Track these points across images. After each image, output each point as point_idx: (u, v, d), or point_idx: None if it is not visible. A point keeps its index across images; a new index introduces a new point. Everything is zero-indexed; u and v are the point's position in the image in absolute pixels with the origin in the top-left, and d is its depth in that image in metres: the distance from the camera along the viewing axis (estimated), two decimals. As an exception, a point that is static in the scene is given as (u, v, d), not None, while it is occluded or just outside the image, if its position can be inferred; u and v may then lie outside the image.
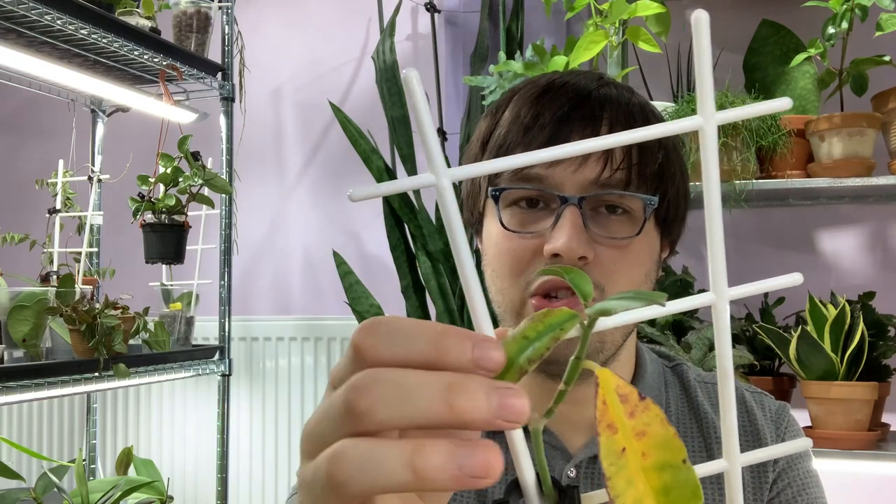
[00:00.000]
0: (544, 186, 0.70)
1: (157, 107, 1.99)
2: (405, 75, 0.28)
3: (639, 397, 0.28)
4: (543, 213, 0.71)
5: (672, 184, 0.74)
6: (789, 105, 0.28)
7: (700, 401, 0.81)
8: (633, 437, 0.27)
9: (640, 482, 0.27)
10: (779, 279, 0.30)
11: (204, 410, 2.46)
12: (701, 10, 0.26)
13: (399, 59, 2.10)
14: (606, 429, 0.27)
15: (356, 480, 0.28)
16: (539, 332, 0.29)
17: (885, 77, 1.68)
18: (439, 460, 0.27)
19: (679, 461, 0.27)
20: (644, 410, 0.28)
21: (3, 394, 1.41)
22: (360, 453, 0.28)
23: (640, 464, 0.27)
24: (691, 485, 0.27)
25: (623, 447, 0.27)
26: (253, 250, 2.51)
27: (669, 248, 0.80)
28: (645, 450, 0.27)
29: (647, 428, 0.27)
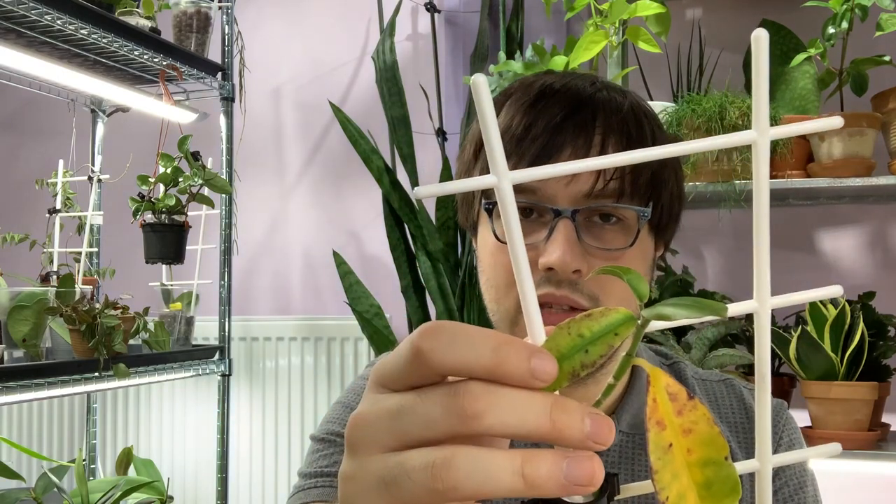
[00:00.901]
0: (537, 199, 0.70)
1: (157, 107, 1.99)
2: (474, 80, 0.29)
3: (687, 396, 0.29)
4: (537, 224, 0.71)
5: (665, 188, 0.73)
6: (840, 124, 0.29)
7: (699, 397, 0.81)
8: (681, 433, 0.29)
9: (684, 476, 0.28)
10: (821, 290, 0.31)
11: (204, 410, 2.46)
12: (761, 28, 0.27)
13: (399, 59, 2.10)
14: (655, 425, 0.28)
15: (466, 484, 0.30)
16: (594, 332, 0.30)
17: (885, 77, 1.68)
18: (547, 469, 0.29)
19: (721, 458, 0.28)
20: (692, 409, 0.29)
21: (3, 394, 1.41)
22: (471, 459, 0.30)
23: (686, 459, 0.28)
24: (732, 480, 0.28)
25: (670, 443, 0.28)
26: (253, 250, 2.51)
27: (664, 247, 0.80)
28: (690, 446, 0.28)
29: (693, 426, 0.29)
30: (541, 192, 0.70)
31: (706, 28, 2.01)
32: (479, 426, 0.30)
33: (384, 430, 0.32)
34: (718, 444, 0.29)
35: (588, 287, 0.69)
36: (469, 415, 0.30)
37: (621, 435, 0.78)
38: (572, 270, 0.68)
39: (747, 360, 1.56)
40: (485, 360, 0.30)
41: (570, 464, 0.29)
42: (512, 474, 0.29)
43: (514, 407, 0.30)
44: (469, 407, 0.30)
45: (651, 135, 0.73)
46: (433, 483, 0.30)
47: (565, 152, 0.70)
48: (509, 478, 0.29)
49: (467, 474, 0.30)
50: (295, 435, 2.37)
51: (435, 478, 0.30)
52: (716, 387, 0.84)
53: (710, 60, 1.94)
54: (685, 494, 0.28)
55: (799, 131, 0.29)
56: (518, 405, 0.30)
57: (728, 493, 0.28)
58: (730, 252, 2.02)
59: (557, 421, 0.29)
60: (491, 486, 0.29)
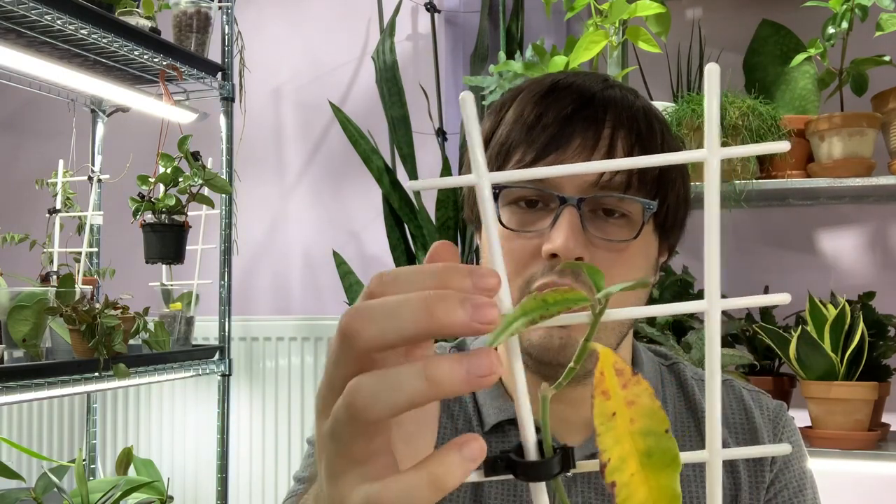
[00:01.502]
0: (544, 186, 0.70)
1: (157, 107, 1.99)
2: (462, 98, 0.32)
3: (632, 372, 0.31)
4: (542, 213, 0.71)
5: (672, 189, 0.74)
6: (787, 148, 0.32)
7: (698, 398, 0.81)
8: (624, 404, 0.31)
9: (626, 443, 0.30)
10: (768, 297, 0.32)
11: (204, 410, 2.46)
12: (714, 63, 0.30)
13: (399, 59, 2.10)
14: (601, 394, 0.31)
15: (376, 402, 0.31)
16: (556, 300, 0.32)
17: (885, 77, 1.68)
18: (448, 366, 0.30)
19: (662, 430, 0.30)
20: (636, 384, 0.31)
21: (3, 394, 1.41)
22: (374, 379, 0.32)
23: (628, 428, 0.30)
24: (671, 452, 0.30)
25: (614, 412, 0.31)
26: (253, 250, 2.51)
27: (668, 253, 0.80)
28: (633, 416, 0.31)
29: (636, 398, 0.31)
30: (548, 180, 0.70)
31: (706, 28, 2.01)
32: (362, 341, 0.32)
33: (326, 393, 0.35)
34: (659, 418, 0.31)
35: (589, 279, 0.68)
36: (350, 334, 0.32)
37: None
38: (575, 258, 0.67)
39: (747, 360, 1.57)
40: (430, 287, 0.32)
41: (469, 359, 0.30)
42: (416, 378, 0.31)
43: (391, 312, 0.31)
44: (347, 328, 0.32)
45: (661, 135, 0.73)
46: (350, 413, 0.32)
47: (574, 143, 0.70)
48: (414, 382, 0.31)
49: (372, 391, 0.31)
50: (295, 435, 2.37)
51: (349, 407, 0.32)
52: None
53: (710, 60, 1.94)
54: (626, 458, 0.30)
55: (747, 153, 0.32)
56: (394, 309, 0.31)
57: (668, 464, 0.30)
58: (730, 252, 2.02)
59: (435, 310, 0.30)
60: (400, 395, 0.31)
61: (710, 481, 0.32)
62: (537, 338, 0.70)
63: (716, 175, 0.31)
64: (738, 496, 0.77)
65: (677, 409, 0.81)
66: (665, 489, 0.30)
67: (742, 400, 0.82)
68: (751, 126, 1.62)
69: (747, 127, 1.62)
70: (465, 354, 0.31)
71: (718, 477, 0.32)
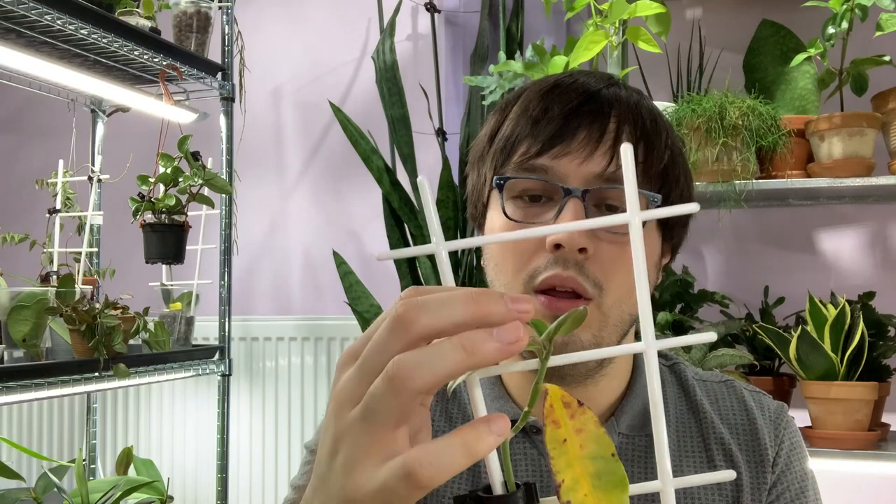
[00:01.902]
0: (549, 177, 0.70)
1: (157, 107, 1.99)
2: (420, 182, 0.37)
3: (578, 404, 0.35)
4: (546, 207, 0.71)
5: (676, 186, 0.74)
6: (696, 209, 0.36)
7: (699, 399, 0.81)
8: (574, 432, 0.34)
9: (577, 466, 0.34)
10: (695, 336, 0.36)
11: (204, 410, 2.46)
12: (627, 144, 0.35)
13: (399, 59, 2.10)
14: (552, 423, 0.34)
15: (418, 373, 0.34)
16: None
17: (885, 77, 1.68)
18: (483, 337, 0.34)
19: (608, 454, 0.34)
20: (582, 413, 0.34)
21: (3, 394, 1.41)
22: (416, 353, 0.35)
23: (578, 453, 0.34)
24: (618, 474, 0.33)
25: (564, 438, 0.34)
26: (253, 250, 2.51)
27: (671, 254, 0.79)
28: (582, 443, 0.34)
29: (583, 426, 0.34)
30: (553, 171, 0.70)
31: (706, 28, 2.01)
32: (417, 326, 0.35)
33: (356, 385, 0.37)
34: (605, 443, 0.34)
35: (593, 272, 0.68)
36: (406, 320, 0.35)
37: (621, 437, 0.77)
38: (578, 248, 0.67)
39: (747, 360, 1.56)
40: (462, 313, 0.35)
41: (497, 331, 0.35)
42: (453, 349, 0.34)
43: (444, 304, 0.35)
44: (404, 315, 0.35)
45: (665, 133, 0.74)
46: (390, 385, 0.35)
47: (580, 136, 0.70)
48: (452, 353, 0.34)
49: (416, 365, 0.34)
50: (295, 435, 2.37)
51: (390, 380, 0.35)
52: (716, 388, 0.83)
53: (710, 60, 1.94)
54: (579, 480, 0.33)
55: (664, 214, 0.36)
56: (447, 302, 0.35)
57: (616, 485, 0.33)
58: (730, 252, 2.02)
59: (480, 303, 0.35)
60: (440, 366, 0.34)
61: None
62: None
63: (639, 234, 0.36)
64: (740, 498, 0.76)
65: (678, 410, 0.81)
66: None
67: (743, 401, 0.82)
68: (751, 126, 1.62)
69: (747, 127, 1.62)
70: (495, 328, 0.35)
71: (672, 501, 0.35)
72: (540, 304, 0.69)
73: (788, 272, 1.97)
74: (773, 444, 0.79)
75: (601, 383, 0.76)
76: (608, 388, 0.78)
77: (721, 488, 0.77)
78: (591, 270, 0.68)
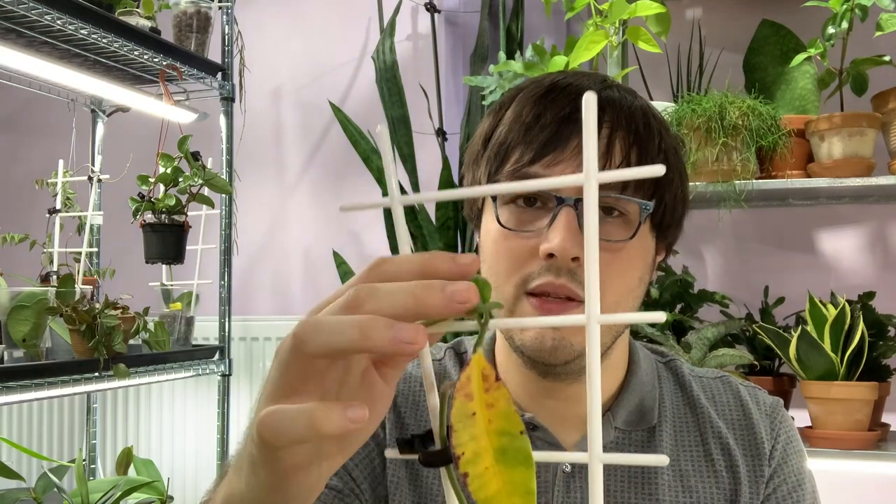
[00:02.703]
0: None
1: (157, 107, 1.99)
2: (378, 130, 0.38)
3: (495, 378, 0.34)
4: (541, 212, 0.71)
5: (670, 188, 0.74)
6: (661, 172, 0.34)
7: (696, 394, 0.82)
8: (485, 406, 0.34)
9: (483, 440, 0.34)
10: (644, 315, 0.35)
11: (204, 410, 2.46)
12: (591, 92, 0.32)
13: (399, 59, 2.10)
14: (464, 397, 0.34)
15: (313, 339, 0.37)
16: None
17: (885, 77, 1.68)
18: (382, 325, 0.35)
19: (517, 432, 0.34)
20: (497, 389, 0.34)
21: (3, 394, 1.41)
22: (319, 318, 0.37)
23: (486, 427, 0.34)
24: (524, 451, 0.34)
25: (474, 412, 0.34)
26: (253, 250, 2.51)
27: (666, 251, 0.80)
28: (491, 417, 0.34)
29: (495, 402, 0.34)
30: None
31: (706, 28, 2.01)
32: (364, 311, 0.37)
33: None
34: (514, 421, 0.34)
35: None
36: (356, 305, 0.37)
37: (617, 432, 0.78)
38: (571, 257, 0.68)
39: (747, 359, 1.56)
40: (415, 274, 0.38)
41: (399, 325, 0.35)
42: (350, 327, 0.36)
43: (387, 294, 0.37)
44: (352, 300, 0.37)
45: (658, 135, 0.74)
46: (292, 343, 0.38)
47: (572, 143, 0.70)
48: (348, 329, 0.36)
49: (314, 330, 0.37)
50: (295, 435, 2.37)
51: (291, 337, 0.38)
52: (712, 384, 0.84)
53: (710, 60, 1.94)
54: (481, 454, 0.34)
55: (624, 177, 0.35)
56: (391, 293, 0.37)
57: (521, 462, 0.33)
58: (730, 252, 2.02)
59: (419, 295, 0.36)
60: (334, 339, 0.36)
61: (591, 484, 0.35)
62: (530, 339, 0.71)
63: (594, 197, 0.34)
64: (739, 490, 0.77)
65: (675, 405, 0.81)
66: (519, 484, 0.33)
67: (739, 396, 0.83)
68: (751, 126, 1.62)
69: (747, 127, 1.62)
70: (396, 322, 0.35)
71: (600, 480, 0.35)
72: (531, 307, 0.70)
73: (788, 272, 1.97)
74: (770, 438, 0.80)
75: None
76: (604, 383, 0.79)
77: (719, 481, 0.78)
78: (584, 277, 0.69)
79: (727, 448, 0.79)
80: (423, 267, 0.37)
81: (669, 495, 0.76)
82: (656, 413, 0.79)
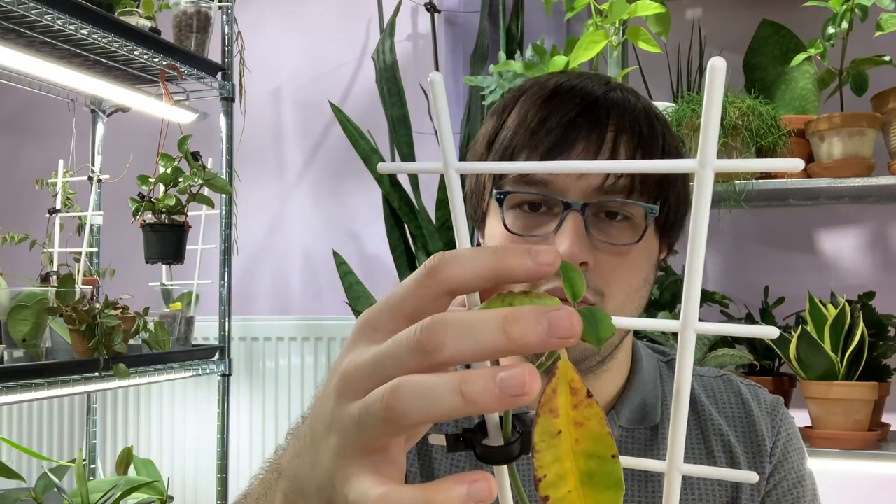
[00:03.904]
0: (549, 191, 0.71)
1: (157, 107, 1.99)
2: (431, 78, 0.32)
3: (587, 394, 0.31)
4: (546, 217, 0.72)
5: (673, 190, 0.75)
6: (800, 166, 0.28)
7: (697, 393, 0.83)
8: (572, 424, 0.31)
9: (567, 461, 0.31)
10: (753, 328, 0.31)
11: (204, 410, 2.46)
12: (719, 57, 0.27)
13: (399, 59, 2.10)
14: (548, 412, 0.31)
15: (413, 408, 0.32)
16: (522, 302, 0.32)
17: (885, 77, 1.68)
18: (483, 383, 0.30)
19: (608, 455, 0.31)
20: (587, 406, 0.31)
21: (3, 394, 1.41)
22: (415, 384, 0.32)
23: (572, 448, 0.31)
24: (615, 477, 0.31)
25: (559, 430, 0.31)
26: (253, 250, 2.51)
27: (668, 250, 0.81)
28: (579, 437, 0.31)
29: (586, 421, 0.31)
30: (552, 184, 0.71)
31: (706, 28, 2.01)
32: (440, 357, 0.31)
33: (364, 377, 0.34)
34: (607, 443, 0.31)
35: (594, 282, 0.70)
36: (429, 349, 0.32)
37: (620, 430, 0.79)
38: (579, 263, 0.69)
39: (747, 360, 1.56)
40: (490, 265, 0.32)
41: (502, 376, 0.30)
42: (451, 393, 0.31)
43: (469, 331, 0.31)
44: (427, 342, 0.32)
45: (662, 136, 0.75)
46: (386, 413, 0.32)
47: (578, 147, 0.71)
48: (449, 397, 0.31)
49: (412, 398, 0.31)
50: (295, 435, 2.37)
51: (386, 407, 0.32)
52: (713, 382, 0.85)
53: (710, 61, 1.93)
54: (565, 476, 0.31)
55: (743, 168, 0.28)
56: (471, 329, 0.31)
57: (611, 486, 0.31)
58: (730, 252, 2.02)
59: (511, 332, 0.30)
60: (435, 406, 0.31)
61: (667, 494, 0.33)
62: None
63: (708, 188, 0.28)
64: (739, 486, 0.78)
65: None
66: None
67: (740, 393, 0.84)
68: (751, 126, 1.62)
69: (747, 127, 1.62)
70: (501, 369, 0.30)
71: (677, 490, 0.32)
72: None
73: (788, 272, 1.97)
74: (771, 435, 0.81)
75: (602, 377, 0.78)
76: (609, 382, 0.79)
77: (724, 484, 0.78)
78: (593, 280, 0.70)
79: (728, 445, 0.80)
80: (496, 272, 0.32)
81: None
82: (659, 411, 0.80)
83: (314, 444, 0.38)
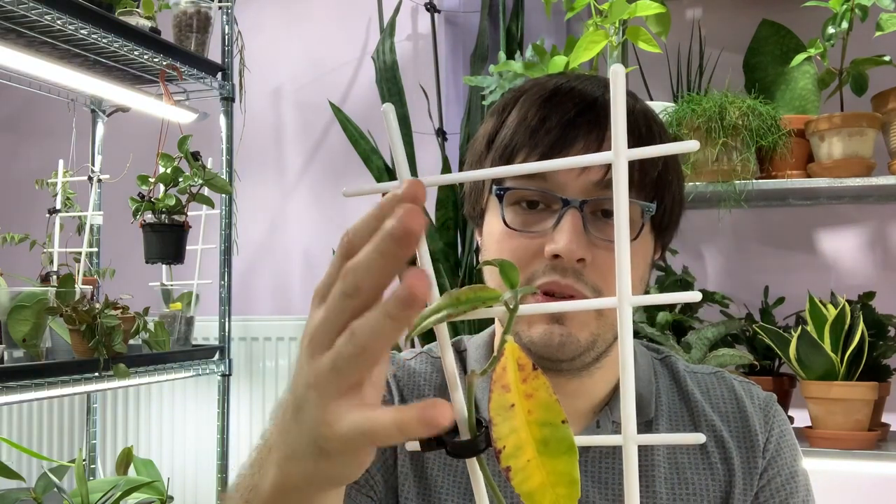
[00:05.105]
0: (548, 188, 0.72)
1: (157, 107, 1.99)
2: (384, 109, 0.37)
3: (532, 367, 0.34)
4: (544, 214, 0.73)
5: (669, 191, 0.76)
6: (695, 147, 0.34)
7: (690, 389, 0.84)
8: (523, 397, 0.33)
9: (523, 432, 0.33)
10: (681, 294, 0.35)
11: (204, 410, 2.45)
12: (619, 64, 0.32)
13: (399, 59, 2.10)
14: (501, 388, 0.33)
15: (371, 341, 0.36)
16: (468, 297, 0.35)
17: (885, 77, 1.68)
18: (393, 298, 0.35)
19: (558, 421, 0.33)
20: (535, 378, 0.34)
21: (3, 394, 1.41)
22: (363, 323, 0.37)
23: (526, 418, 0.33)
24: (567, 440, 0.33)
25: (512, 403, 0.33)
26: (253, 250, 2.51)
27: (662, 250, 0.82)
28: (531, 408, 0.33)
29: (535, 392, 0.33)
30: (551, 181, 0.72)
31: (706, 28, 2.01)
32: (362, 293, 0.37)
33: (325, 333, 0.39)
34: (556, 410, 0.33)
35: (591, 278, 0.71)
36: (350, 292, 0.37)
37: (615, 426, 0.80)
38: (577, 259, 0.70)
39: (747, 360, 1.56)
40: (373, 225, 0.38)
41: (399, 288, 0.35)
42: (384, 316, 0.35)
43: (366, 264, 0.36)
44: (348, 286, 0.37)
45: (659, 138, 0.76)
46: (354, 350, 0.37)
47: (577, 146, 0.72)
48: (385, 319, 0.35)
49: (366, 332, 0.36)
50: (295, 435, 2.37)
51: (353, 345, 0.37)
52: (707, 378, 0.86)
53: (710, 60, 1.94)
54: (522, 446, 0.33)
55: (653, 153, 0.34)
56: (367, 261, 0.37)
57: (565, 451, 0.33)
58: (730, 252, 2.02)
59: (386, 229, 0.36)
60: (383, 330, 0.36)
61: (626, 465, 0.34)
62: (538, 335, 0.72)
63: (624, 176, 0.33)
64: (733, 481, 0.79)
65: (670, 400, 0.83)
66: (563, 475, 0.33)
67: (733, 390, 0.84)
68: (751, 126, 1.62)
69: (747, 127, 1.62)
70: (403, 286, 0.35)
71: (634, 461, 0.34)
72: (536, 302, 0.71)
73: (788, 272, 1.97)
74: (764, 431, 0.82)
75: (596, 375, 0.78)
76: (603, 379, 0.80)
77: (714, 473, 0.79)
78: (590, 277, 0.71)
79: (721, 440, 0.80)
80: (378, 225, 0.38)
81: (665, 487, 0.77)
82: (653, 407, 0.81)
83: (298, 408, 0.41)
